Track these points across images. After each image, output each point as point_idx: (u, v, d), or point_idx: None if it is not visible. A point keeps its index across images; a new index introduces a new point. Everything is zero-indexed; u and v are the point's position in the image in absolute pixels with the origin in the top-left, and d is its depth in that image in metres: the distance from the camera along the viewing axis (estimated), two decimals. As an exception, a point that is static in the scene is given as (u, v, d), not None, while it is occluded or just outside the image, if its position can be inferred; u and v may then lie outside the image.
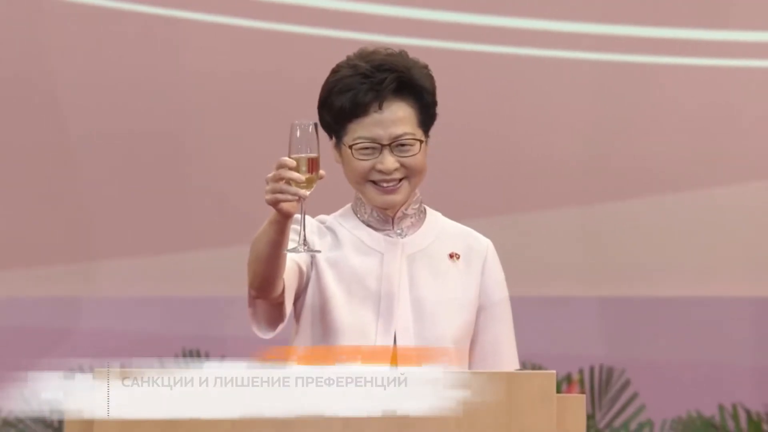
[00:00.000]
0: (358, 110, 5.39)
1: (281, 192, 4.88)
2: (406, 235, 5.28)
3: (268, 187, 4.79)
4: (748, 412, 7.85)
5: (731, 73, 7.83)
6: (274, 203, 5.02)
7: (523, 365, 5.62)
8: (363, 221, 5.28)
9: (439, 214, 5.40)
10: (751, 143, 8.32)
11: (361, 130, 5.33)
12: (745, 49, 8.08)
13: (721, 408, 7.86)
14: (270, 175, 5.05)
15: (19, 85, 8.60)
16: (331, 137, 5.14)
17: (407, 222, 5.28)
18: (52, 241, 8.26)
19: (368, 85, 5.51)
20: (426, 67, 5.20)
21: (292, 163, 4.94)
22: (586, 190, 8.52)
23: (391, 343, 5.58)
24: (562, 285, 8.42)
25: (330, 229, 5.34)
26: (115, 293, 6.36)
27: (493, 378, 5.11)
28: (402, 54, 5.27)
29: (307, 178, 4.83)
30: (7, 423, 7.87)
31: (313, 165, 4.89)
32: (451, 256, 5.29)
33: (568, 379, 7.58)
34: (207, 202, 8.52)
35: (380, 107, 5.25)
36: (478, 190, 7.39)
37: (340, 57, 5.64)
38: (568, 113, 8.47)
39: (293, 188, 5.06)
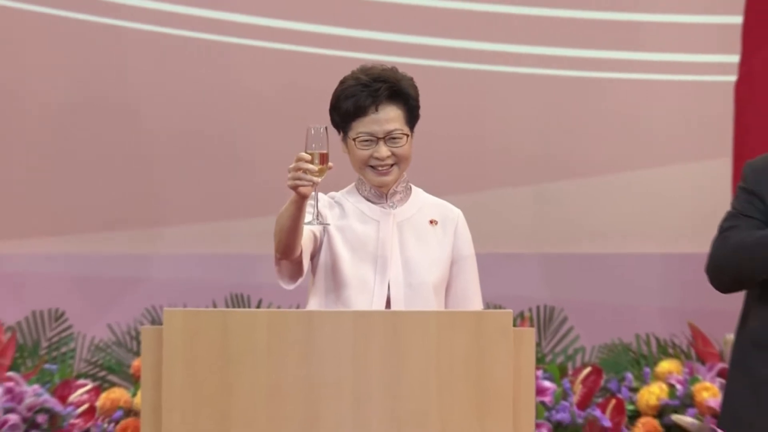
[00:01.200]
0: (359, 111, 5.62)
1: (299, 179, 5.28)
2: (396, 207, 5.76)
3: (289, 175, 5.29)
4: (657, 339, 7.77)
5: (643, 85, 7.84)
6: (294, 187, 5.30)
7: (487, 306, 6.43)
8: (364, 197, 5.73)
9: (421, 190, 5.89)
10: (657, 137, 8.10)
11: (361, 126, 5.62)
12: (654, 66, 8.08)
13: (636, 336, 7.81)
14: (291, 165, 5.30)
15: (108, 95, 8.23)
16: (339, 133, 5.66)
17: (397, 197, 5.75)
18: (130, 211, 8.05)
19: (367, 92, 5.66)
20: (411, 79, 5.80)
21: (308, 156, 5.31)
22: (535, 173, 8.34)
23: (386, 291, 5.74)
24: (517, 245, 8.28)
25: (338, 203, 5.81)
26: (177, 251, 6.40)
27: (466, 315, 5.35)
28: (393, 69, 5.81)
29: (319, 169, 5.33)
30: (99, 348, 7.58)
31: (323, 158, 5.38)
32: (431, 222, 5.79)
33: (521, 316, 7.57)
34: (247, 183, 8.22)
35: (376, 109, 5.62)
36: (452, 173, 7.30)
37: (345, 72, 5.79)
38: (521, 116, 8.25)
39: (308, 176, 5.28)
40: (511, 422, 4.87)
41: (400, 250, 5.84)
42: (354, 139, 5.68)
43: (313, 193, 5.51)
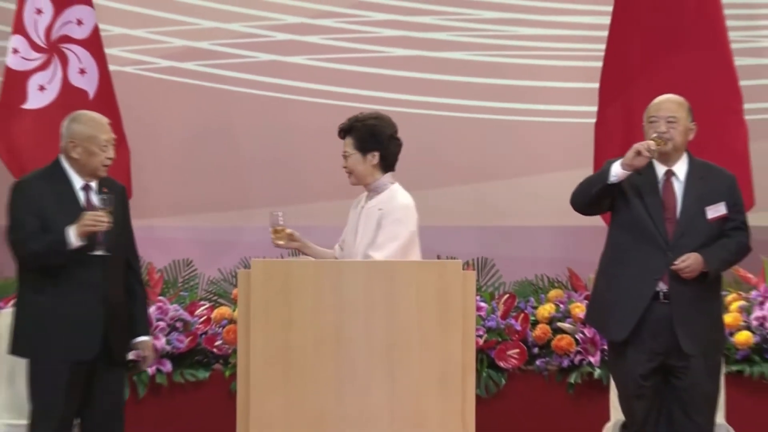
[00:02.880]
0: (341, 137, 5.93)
1: (276, 242, 5.90)
2: (368, 201, 5.96)
3: (274, 236, 5.89)
4: (548, 278, 7.83)
5: (543, 125, 8.06)
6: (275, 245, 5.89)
7: (446, 257, 7.17)
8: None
9: (396, 187, 5.95)
10: (554, 160, 8.02)
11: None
12: (550, 113, 8.13)
13: (536, 276, 7.85)
14: (279, 242, 5.91)
15: (216, 130, 8.11)
16: None
17: (370, 195, 5.96)
18: (232, 198, 8.03)
19: (340, 128, 5.93)
20: (370, 118, 5.97)
21: (277, 228, 5.88)
22: (472, 175, 8.19)
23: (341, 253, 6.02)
24: (463, 221, 8.06)
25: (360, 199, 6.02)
26: (260, 225, 6.68)
27: (436, 264, 5.92)
28: (362, 113, 6.02)
29: (280, 234, 5.89)
30: (212, 283, 7.75)
31: (280, 229, 5.88)
32: (380, 209, 5.86)
33: (467, 264, 7.56)
34: (306, 184, 8.13)
35: (343, 138, 5.92)
36: (418, 177, 6.98)
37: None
38: (468, 144, 8.13)
39: (277, 240, 5.88)
40: (461, 327, 5.31)
41: (362, 229, 5.96)
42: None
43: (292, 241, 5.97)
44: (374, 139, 5.92)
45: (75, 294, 5.67)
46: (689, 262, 5.77)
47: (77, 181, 5.72)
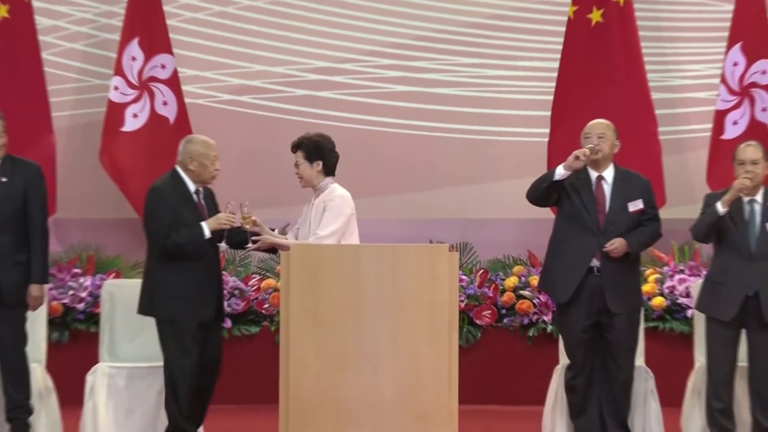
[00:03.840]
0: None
1: (244, 226, 5.59)
2: (315, 198, 5.75)
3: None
4: (513, 257, 7.67)
5: (501, 143, 7.88)
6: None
7: (435, 242, 6.96)
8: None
9: (335, 185, 5.71)
10: (517, 170, 7.65)
11: None
12: (511, 134, 7.89)
13: (504, 255, 7.68)
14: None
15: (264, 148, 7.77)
16: None
17: (317, 194, 5.75)
18: (269, 198, 7.42)
19: (293, 145, 5.75)
20: (316, 136, 5.76)
21: (244, 215, 5.60)
22: (455, 181, 7.95)
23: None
24: (449, 214, 7.85)
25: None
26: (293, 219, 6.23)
27: (429, 247, 5.95)
28: (309, 134, 5.80)
29: (247, 220, 5.62)
30: (261, 260, 7.53)
31: (247, 216, 5.61)
32: (323, 201, 5.67)
33: (452, 246, 7.12)
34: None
35: (294, 152, 5.74)
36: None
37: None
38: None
39: (245, 225, 5.60)
40: (447, 294, 5.22)
41: (312, 222, 5.77)
42: None
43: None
44: (318, 151, 5.79)
45: (199, 272, 5.74)
46: (616, 244, 5.75)
47: (191, 186, 5.76)
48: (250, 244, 5.80)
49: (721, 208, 5.65)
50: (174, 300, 5.70)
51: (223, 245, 5.77)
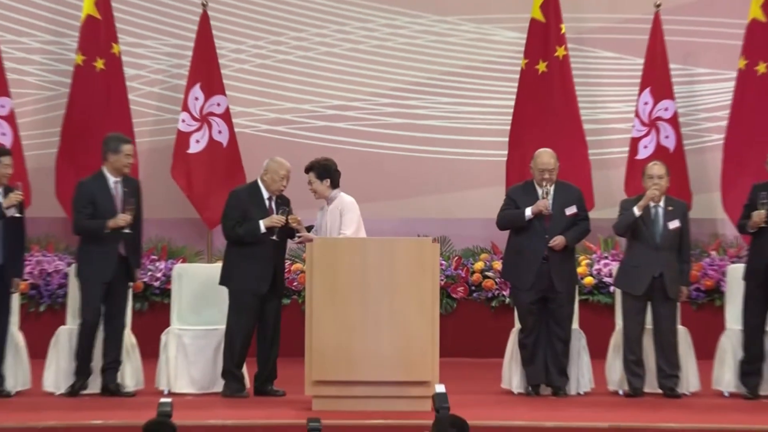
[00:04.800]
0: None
1: (291, 224, 5.51)
2: (328, 206, 5.67)
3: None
4: (481, 247, 7.50)
5: (465, 161, 7.65)
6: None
7: (422, 236, 6.73)
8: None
9: (344, 195, 5.61)
10: (478, 176, 7.60)
11: None
12: (476, 154, 7.72)
13: (474, 246, 7.51)
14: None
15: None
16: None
17: (329, 202, 5.66)
18: (297, 203, 6.42)
19: (306, 167, 5.68)
20: (323, 160, 5.66)
21: (292, 217, 5.57)
22: (436, 190, 7.77)
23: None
24: (431, 215, 7.64)
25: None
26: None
27: (418, 240, 5.81)
28: (318, 158, 5.71)
29: (294, 219, 5.56)
30: (290, 250, 6.79)
31: (294, 217, 5.58)
32: (339, 208, 5.60)
33: (434, 239, 5.53)
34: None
35: (307, 173, 5.71)
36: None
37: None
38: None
39: (292, 223, 5.52)
40: (430, 275, 5.21)
41: (329, 225, 5.65)
42: None
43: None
44: (326, 171, 5.73)
45: (257, 257, 5.72)
46: (558, 241, 5.80)
47: (266, 194, 5.79)
48: (296, 239, 5.80)
49: (637, 211, 5.71)
50: (238, 276, 5.70)
51: (274, 237, 5.71)
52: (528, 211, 5.69)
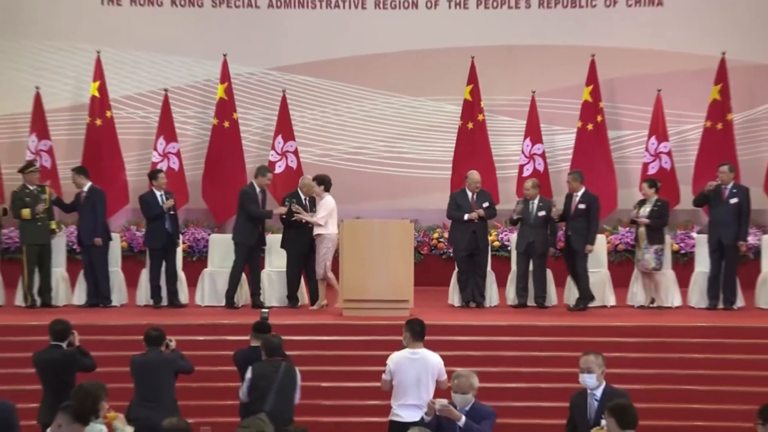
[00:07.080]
0: None
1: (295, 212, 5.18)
2: (320, 200, 5.35)
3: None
4: (438, 226, 7.01)
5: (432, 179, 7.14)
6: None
7: (404, 218, 5.97)
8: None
9: (327, 195, 5.34)
10: (432, 186, 7.08)
11: None
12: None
13: (433, 225, 7.04)
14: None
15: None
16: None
17: (321, 198, 5.37)
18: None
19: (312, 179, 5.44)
20: (321, 175, 5.40)
21: (297, 207, 5.25)
22: (407, 193, 7.20)
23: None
24: (405, 207, 7.08)
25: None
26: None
27: (402, 222, 5.48)
28: (319, 174, 5.46)
29: (298, 209, 5.26)
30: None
31: (297, 208, 5.27)
32: (323, 204, 5.32)
33: (410, 221, 5.67)
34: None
35: (314, 181, 5.43)
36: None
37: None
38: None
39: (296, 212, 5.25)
40: (408, 241, 5.18)
41: (317, 211, 5.36)
42: None
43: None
44: (322, 182, 5.64)
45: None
46: (475, 213, 5.68)
47: (301, 195, 5.69)
48: (294, 218, 5.51)
49: (515, 217, 5.74)
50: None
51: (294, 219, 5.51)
52: (466, 216, 5.69)
